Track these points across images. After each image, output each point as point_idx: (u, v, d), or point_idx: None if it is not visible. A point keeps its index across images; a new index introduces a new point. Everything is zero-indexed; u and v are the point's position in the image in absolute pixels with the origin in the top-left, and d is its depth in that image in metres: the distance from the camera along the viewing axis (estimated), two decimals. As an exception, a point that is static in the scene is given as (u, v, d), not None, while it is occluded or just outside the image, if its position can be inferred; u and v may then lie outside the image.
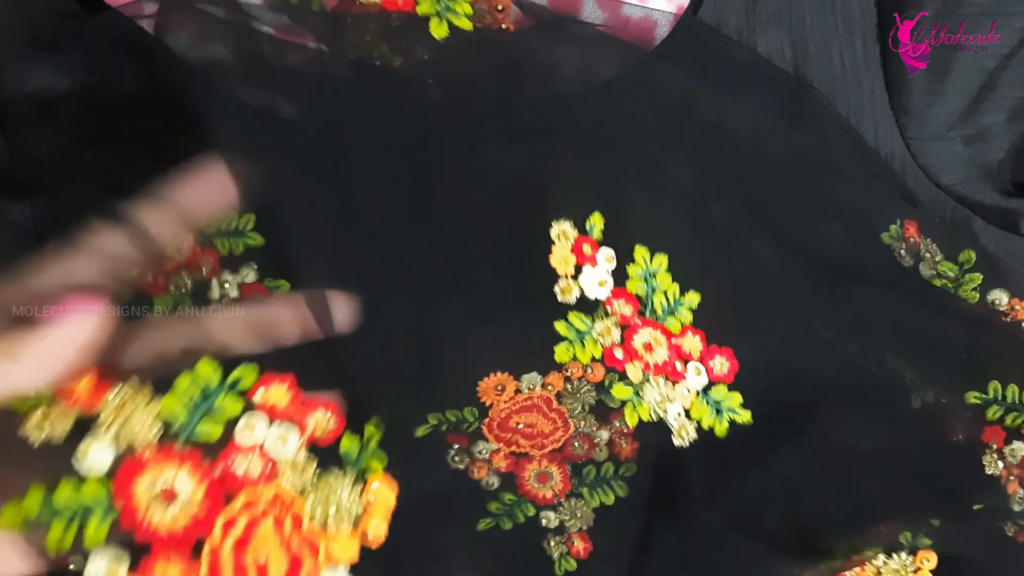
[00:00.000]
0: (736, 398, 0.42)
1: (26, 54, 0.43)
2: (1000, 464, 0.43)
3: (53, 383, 0.26)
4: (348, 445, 0.29)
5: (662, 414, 0.41)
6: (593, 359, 0.41)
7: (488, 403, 0.41)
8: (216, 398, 0.27)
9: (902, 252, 0.45)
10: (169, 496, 0.27)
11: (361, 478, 0.29)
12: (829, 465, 0.43)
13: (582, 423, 0.43)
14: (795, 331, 0.43)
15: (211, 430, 0.27)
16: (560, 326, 0.41)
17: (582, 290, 0.41)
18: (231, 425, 0.28)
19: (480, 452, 0.42)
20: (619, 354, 0.41)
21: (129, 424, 0.26)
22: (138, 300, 0.35)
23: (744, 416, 0.42)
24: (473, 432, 0.41)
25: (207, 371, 0.28)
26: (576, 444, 0.43)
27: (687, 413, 0.42)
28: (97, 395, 0.27)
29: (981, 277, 0.45)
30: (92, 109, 0.41)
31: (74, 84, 0.41)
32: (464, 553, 0.40)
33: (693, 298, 0.43)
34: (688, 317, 0.42)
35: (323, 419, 0.29)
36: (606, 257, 0.41)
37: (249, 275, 0.40)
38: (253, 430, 0.28)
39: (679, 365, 0.42)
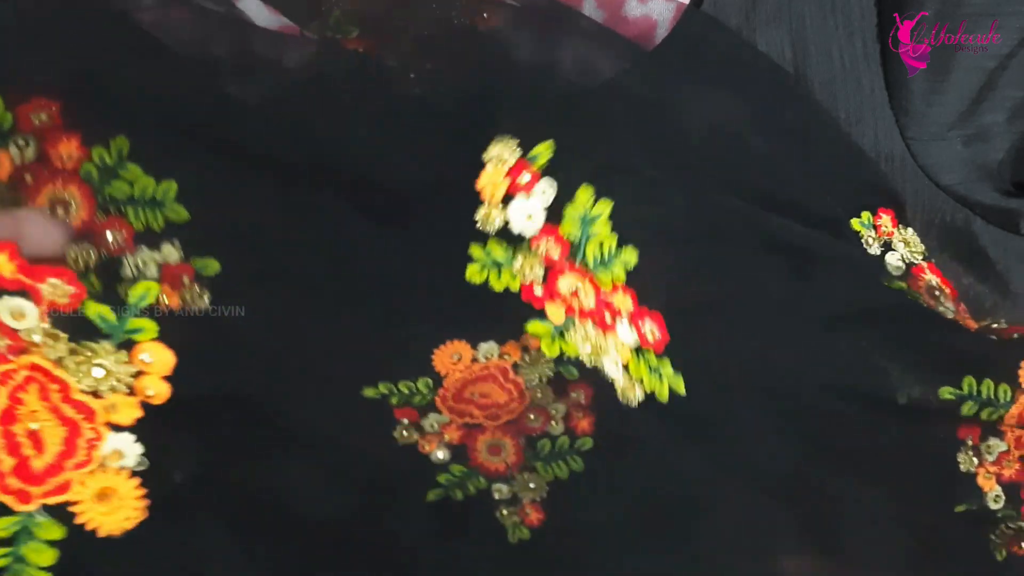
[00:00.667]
0: (667, 365, 0.40)
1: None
2: (976, 461, 0.43)
3: None
4: (97, 311, 0.29)
5: (595, 362, 0.39)
6: (508, 290, 0.38)
7: (443, 373, 0.40)
8: None
9: (870, 239, 0.45)
10: None
11: (128, 342, 0.29)
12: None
13: (539, 394, 0.42)
14: (746, 314, 0.42)
15: None
16: (476, 249, 0.39)
17: (507, 221, 0.39)
18: None
19: (431, 426, 0.41)
20: (539, 291, 0.39)
21: None
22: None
23: (678, 384, 0.40)
24: (425, 405, 0.40)
25: None
26: (531, 416, 0.42)
27: (627, 369, 0.40)
28: None
29: None
30: None
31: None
32: (413, 521, 0.40)
33: (630, 256, 0.40)
34: (621, 275, 0.40)
35: (58, 285, 0.28)
36: (543, 189, 0.39)
37: (172, 254, 0.35)
38: None
39: (608, 317, 0.39)
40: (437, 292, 0.40)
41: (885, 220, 0.45)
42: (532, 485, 0.42)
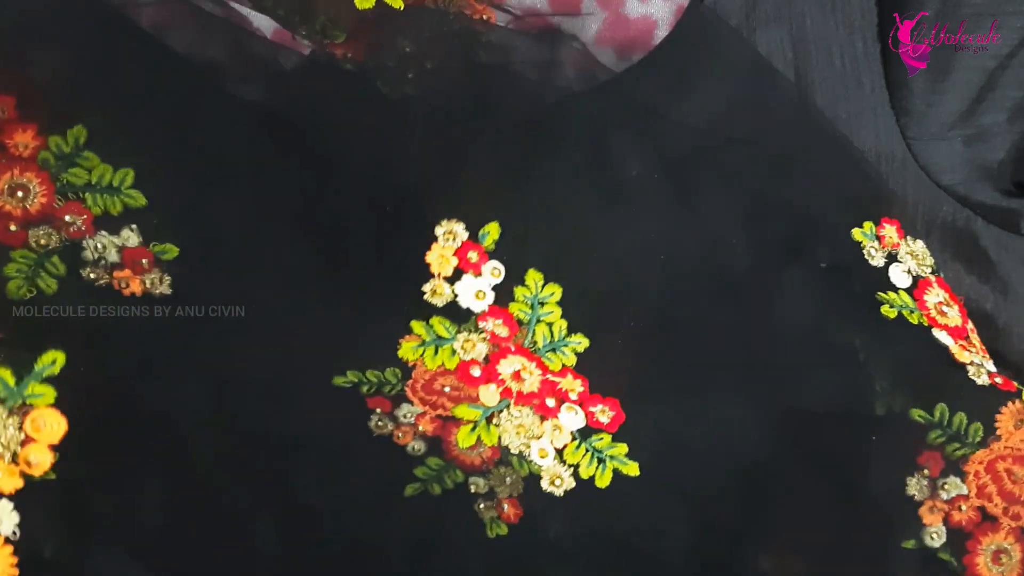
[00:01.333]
0: (621, 448, 0.40)
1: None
2: (927, 491, 0.40)
3: None
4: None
5: (522, 449, 0.39)
6: (442, 367, 0.39)
7: (411, 363, 0.40)
8: None
9: (872, 250, 0.44)
10: None
11: (20, 410, 0.29)
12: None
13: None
14: (713, 409, 0.41)
15: None
16: (417, 325, 0.39)
17: (455, 296, 0.40)
18: None
19: (405, 416, 0.40)
20: (476, 372, 0.39)
21: None
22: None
23: (630, 469, 0.40)
24: (397, 395, 0.40)
25: None
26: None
27: (559, 455, 0.40)
28: None
29: None
30: None
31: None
32: (392, 517, 0.40)
33: (581, 341, 0.40)
34: (571, 359, 0.40)
35: None
36: (492, 270, 0.40)
37: (131, 238, 0.37)
38: None
39: (551, 401, 0.40)
40: (401, 286, 0.40)
41: (890, 231, 0.44)
42: (508, 480, 0.42)
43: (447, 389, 0.40)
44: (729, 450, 0.40)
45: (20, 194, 0.35)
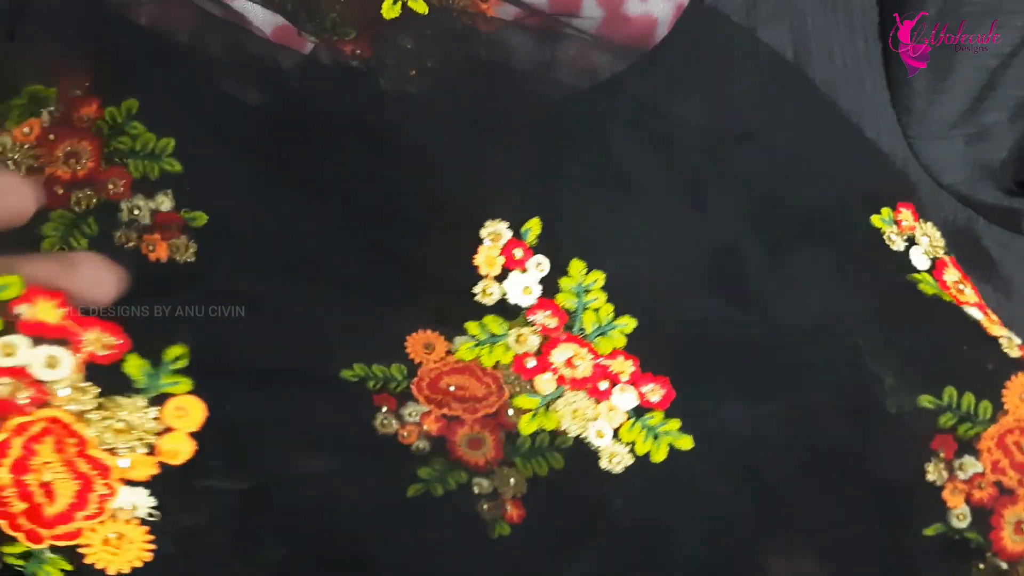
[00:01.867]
0: (674, 424, 0.41)
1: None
2: (945, 475, 0.41)
3: None
4: (136, 364, 0.29)
5: (580, 431, 0.40)
6: (498, 364, 0.40)
7: (417, 361, 0.40)
8: None
9: (892, 235, 0.44)
10: None
11: (157, 400, 0.29)
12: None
13: (517, 389, 0.42)
14: (755, 382, 0.42)
15: None
16: (472, 326, 0.40)
17: (504, 294, 0.41)
18: None
19: (410, 415, 0.40)
20: (530, 364, 0.40)
21: None
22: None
23: (684, 442, 0.40)
24: (402, 392, 0.40)
25: None
26: (511, 412, 0.42)
27: (615, 434, 0.41)
28: None
29: None
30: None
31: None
32: (394, 518, 0.40)
33: (629, 322, 0.41)
34: (621, 341, 0.41)
35: (100, 337, 0.28)
36: (536, 264, 0.41)
37: (164, 203, 0.39)
38: (13, 351, 0.27)
39: (603, 384, 0.41)
40: (415, 283, 0.40)
41: (906, 214, 0.44)
42: (512, 481, 0.42)
43: (453, 388, 0.40)
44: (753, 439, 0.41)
45: (72, 160, 0.38)
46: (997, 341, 0.42)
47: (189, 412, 0.29)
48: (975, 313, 0.43)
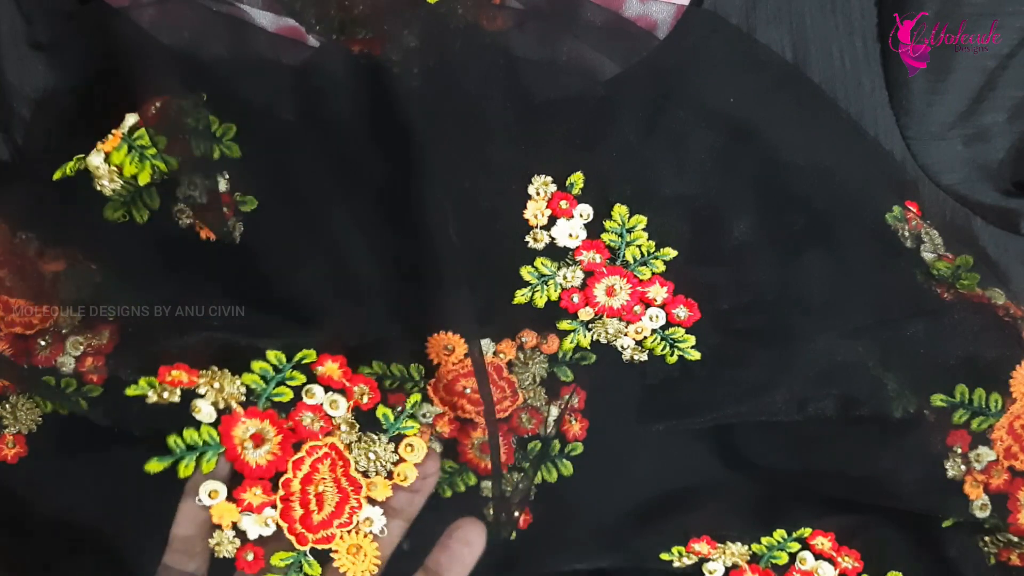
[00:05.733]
0: (690, 340, 0.44)
1: (26, 55, 0.43)
2: (963, 468, 0.42)
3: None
4: (383, 412, 0.39)
5: (610, 339, 0.44)
6: (549, 301, 0.43)
7: (436, 362, 0.41)
8: (286, 371, 0.38)
9: (904, 233, 0.45)
10: (258, 440, 0.37)
11: (397, 438, 0.39)
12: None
13: (531, 395, 0.43)
14: (775, 321, 0.44)
15: (284, 392, 0.37)
16: (525, 271, 0.43)
17: (552, 239, 0.43)
18: (298, 391, 0.38)
19: (424, 416, 0.41)
20: (576, 299, 0.43)
21: (222, 391, 0.37)
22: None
23: (694, 355, 0.44)
24: (417, 392, 0.41)
25: (274, 357, 0.38)
26: (524, 417, 0.43)
27: (639, 343, 0.44)
28: (191, 376, 0.37)
29: (979, 276, 0.44)
30: (91, 108, 0.42)
31: (73, 84, 0.42)
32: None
33: (669, 252, 0.44)
34: (660, 267, 0.44)
35: (365, 391, 0.39)
36: (581, 212, 0.43)
37: (220, 184, 0.41)
38: (314, 395, 0.38)
39: (638, 308, 0.44)
40: (438, 286, 0.41)
41: (914, 212, 0.45)
42: (521, 486, 0.42)
43: (468, 391, 0.41)
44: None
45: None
46: (1018, 323, 0.43)
47: (416, 448, 0.39)
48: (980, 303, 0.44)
